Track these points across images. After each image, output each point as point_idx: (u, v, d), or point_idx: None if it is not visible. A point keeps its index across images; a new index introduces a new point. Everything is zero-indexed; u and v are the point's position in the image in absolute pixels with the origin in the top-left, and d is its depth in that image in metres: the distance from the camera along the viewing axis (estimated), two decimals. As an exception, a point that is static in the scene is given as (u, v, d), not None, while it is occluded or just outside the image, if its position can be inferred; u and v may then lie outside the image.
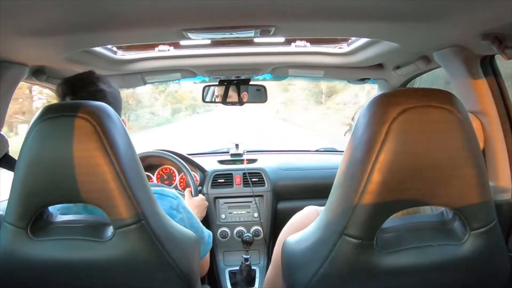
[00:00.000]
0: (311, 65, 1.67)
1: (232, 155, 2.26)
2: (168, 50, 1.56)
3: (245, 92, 1.92)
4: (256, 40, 1.48)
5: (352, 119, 0.96)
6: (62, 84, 0.98)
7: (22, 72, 1.21)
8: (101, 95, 0.96)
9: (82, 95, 0.95)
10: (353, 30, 1.17)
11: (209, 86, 1.95)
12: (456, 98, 0.65)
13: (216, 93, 1.96)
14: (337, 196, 0.70)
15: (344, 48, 1.54)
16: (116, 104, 1.00)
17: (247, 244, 1.84)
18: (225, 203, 2.07)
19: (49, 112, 0.71)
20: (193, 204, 1.63)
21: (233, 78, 1.86)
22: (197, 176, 2.08)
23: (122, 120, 0.95)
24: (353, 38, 1.45)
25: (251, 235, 1.89)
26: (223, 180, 2.09)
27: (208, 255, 1.23)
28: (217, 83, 1.91)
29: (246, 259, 1.84)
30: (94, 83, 0.98)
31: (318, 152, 2.52)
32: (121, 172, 0.70)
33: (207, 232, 1.16)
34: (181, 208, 1.03)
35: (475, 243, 0.67)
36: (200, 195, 1.79)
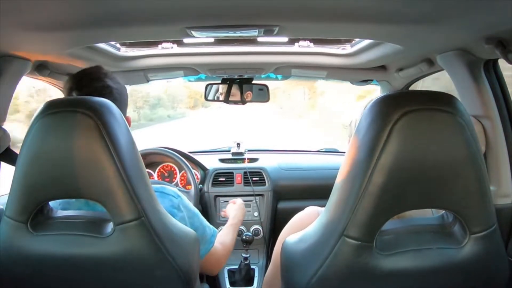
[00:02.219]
0: (314, 66, 1.67)
1: (233, 153, 2.26)
2: (172, 47, 1.56)
3: (249, 92, 1.91)
4: (259, 39, 1.48)
5: (351, 122, 0.95)
6: (69, 79, 0.98)
7: (25, 67, 1.21)
8: (107, 91, 0.96)
9: (87, 90, 0.94)
10: (356, 32, 1.17)
11: (212, 84, 1.94)
12: (459, 101, 0.65)
13: (219, 91, 1.96)
14: (337, 197, 0.70)
15: (348, 49, 1.54)
16: (122, 101, 0.99)
17: (247, 243, 1.84)
18: (225, 201, 2.06)
19: (51, 107, 0.71)
20: (234, 210, 1.59)
21: (236, 77, 1.86)
22: (198, 174, 2.08)
23: (127, 117, 0.95)
24: (357, 40, 1.44)
25: (250, 234, 1.89)
26: (224, 179, 2.10)
27: (220, 253, 1.19)
28: (219, 82, 1.91)
29: (246, 258, 1.84)
30: (100, 79, 0.97)
31: (320, 153, 2.51)
32: (122, 168, 0.70)
33: (210, 231, 1.14)
34: (182, 207, 1.03)
35: (474, 247, 0.67)
36: (240, 199, 1.72)
